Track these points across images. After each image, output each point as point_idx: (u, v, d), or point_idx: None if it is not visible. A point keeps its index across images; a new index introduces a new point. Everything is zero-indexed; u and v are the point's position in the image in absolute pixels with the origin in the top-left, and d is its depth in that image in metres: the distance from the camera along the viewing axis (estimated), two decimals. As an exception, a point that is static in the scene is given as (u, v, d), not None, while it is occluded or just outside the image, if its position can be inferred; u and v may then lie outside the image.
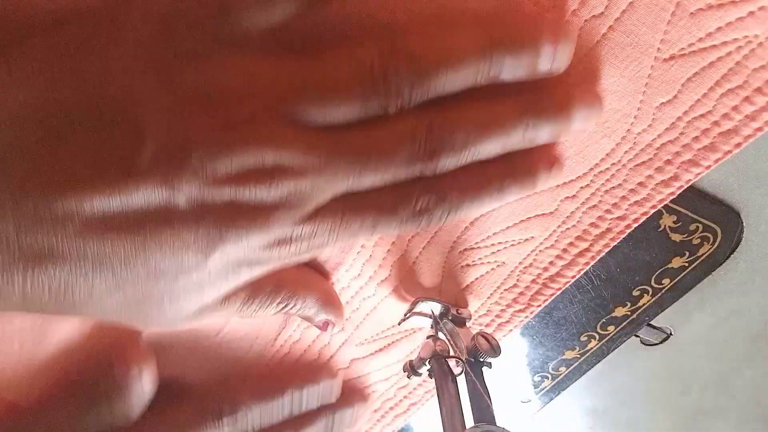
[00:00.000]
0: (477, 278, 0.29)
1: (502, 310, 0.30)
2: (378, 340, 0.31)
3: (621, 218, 0.27)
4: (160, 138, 0.17)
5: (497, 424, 0.23)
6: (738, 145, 0.24)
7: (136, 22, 0.18)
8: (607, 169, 0.25)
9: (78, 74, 0.17)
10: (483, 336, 0.26)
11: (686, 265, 0.34)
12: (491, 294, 0.30)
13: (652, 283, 0.34)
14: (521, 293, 0.30)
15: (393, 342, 0.31)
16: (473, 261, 0.28)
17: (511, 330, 0.31)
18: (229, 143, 0.18)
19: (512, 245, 0.28)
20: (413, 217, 0.22)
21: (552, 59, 0.20)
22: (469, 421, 0.24)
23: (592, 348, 0.38)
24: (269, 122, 0.19)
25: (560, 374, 0.42)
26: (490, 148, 0.21)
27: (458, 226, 0.28)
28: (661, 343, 0.42)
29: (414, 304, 0.28)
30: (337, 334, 0.30)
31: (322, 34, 0.20)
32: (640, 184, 0.26)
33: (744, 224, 0.33)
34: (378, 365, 0.32)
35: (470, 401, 0.24)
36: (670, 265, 0.34)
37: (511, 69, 0.20)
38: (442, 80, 0.19)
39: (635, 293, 0.35)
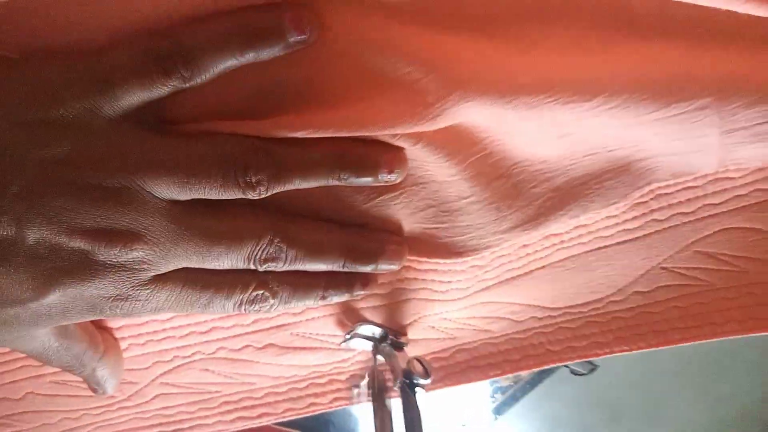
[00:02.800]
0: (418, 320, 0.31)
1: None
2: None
3: (556, 353, 0.31)
4: (24, 185, 0.19)
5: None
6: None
7: (27, 78, 0.20)
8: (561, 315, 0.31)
9: None
10: (418, 360, 0.29)
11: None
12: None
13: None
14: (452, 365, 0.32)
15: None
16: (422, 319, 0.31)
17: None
18: (88, 202, 0.20)
19: (468, 327, 0.31)
20: (245, 304, 0.24)
21: (387, 180, 0.24)
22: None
23: (524, 376, 0.40)
24: (132, 191, 0.20)
25: (496, 401, 0.45)
26: (316, 267, 0.25)
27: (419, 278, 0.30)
28: (589, 373, 0.45)
29: (355, 326, 0.29)
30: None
31: (194, 118, 0.22)
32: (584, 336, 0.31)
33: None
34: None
35: (404, 420, 0.26)
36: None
37: (354, 182, 0.23)
38: (295, 182, 0.22)
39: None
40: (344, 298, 0.27)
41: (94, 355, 0.27)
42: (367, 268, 0.26)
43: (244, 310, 0.25)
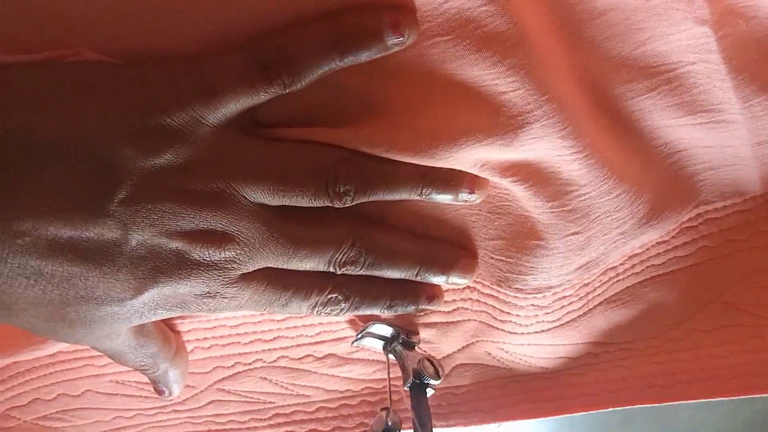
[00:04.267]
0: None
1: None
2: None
3: (612, 394, 0.30)
4: (131, 191, 0.20)
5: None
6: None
7: (134, 86, 0.20)
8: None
9: (66, 114, 0.19)
10: (429, 360, 0.29)
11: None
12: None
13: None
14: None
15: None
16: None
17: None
18: (189, 206, 0.21)
19: (524, 362, 0.30)
20: (319, 306, 0.25)
21: (466, 200, 0.25)
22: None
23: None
24: (228, 195, 0.21)
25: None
26: (391, 273, 0.26)
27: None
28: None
29: (367, 324, 0.29)
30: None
31: (284, 121, 0.23)
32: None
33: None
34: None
35: (413, 418, 0.27)
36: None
37: (435, 198, 0.25)
38: (379, 194, 0.23)
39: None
40: (409, 310, 0.27)
41: (167, 355, 0.28)
42: (440, 279, 0.27)
43: (317, 312, 0.25)
